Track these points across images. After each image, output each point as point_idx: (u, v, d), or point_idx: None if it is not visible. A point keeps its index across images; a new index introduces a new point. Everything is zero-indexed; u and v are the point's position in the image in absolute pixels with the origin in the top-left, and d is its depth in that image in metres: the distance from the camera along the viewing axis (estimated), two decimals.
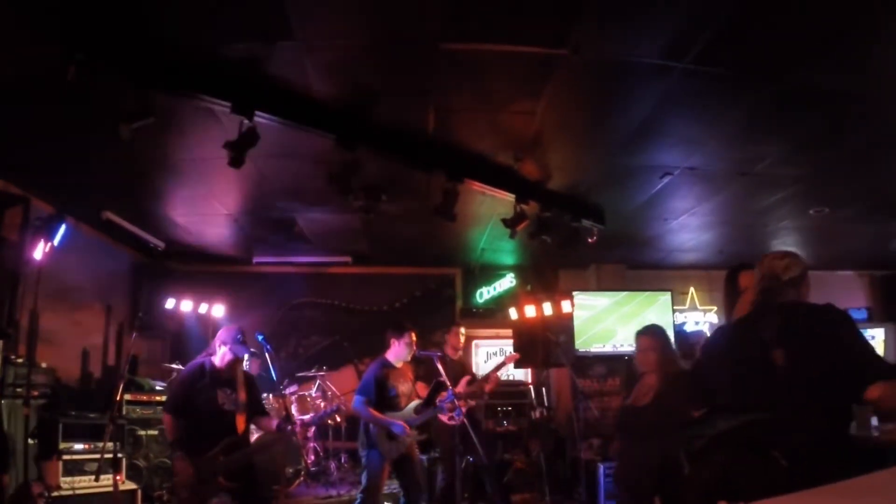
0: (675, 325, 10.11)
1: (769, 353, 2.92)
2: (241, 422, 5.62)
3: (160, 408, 8.16)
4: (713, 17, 4.42)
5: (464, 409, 7.06)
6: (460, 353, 8.33)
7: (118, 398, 5.85)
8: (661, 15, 4.44)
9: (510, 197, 7.39)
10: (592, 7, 4.40)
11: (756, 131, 6.30)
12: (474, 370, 9.94)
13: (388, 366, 6.66)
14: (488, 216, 8.74)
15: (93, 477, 6.50)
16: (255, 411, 5.84)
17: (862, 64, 4.98)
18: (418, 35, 4.78)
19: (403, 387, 6.69)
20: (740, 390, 3.03)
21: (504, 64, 5.14)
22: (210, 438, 5.41)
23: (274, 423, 5.87)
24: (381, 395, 6.48)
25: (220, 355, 5.68)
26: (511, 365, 8.72)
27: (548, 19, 4.55)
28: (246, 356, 5.70)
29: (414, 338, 6.74)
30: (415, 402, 6.69)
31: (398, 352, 6.69)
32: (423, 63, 5.16)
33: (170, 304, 10.10)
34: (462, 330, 8.30)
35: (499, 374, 7.92)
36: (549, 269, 12.28)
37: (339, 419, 9.65)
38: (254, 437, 6.52)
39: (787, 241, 10.14)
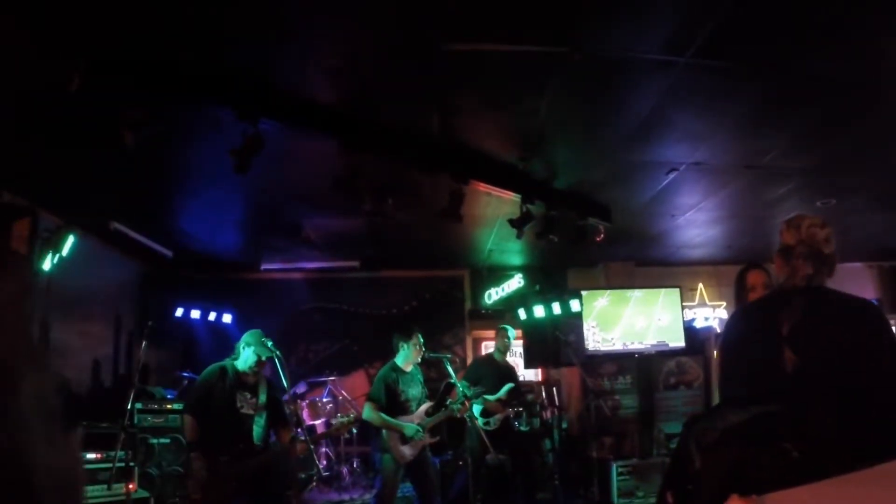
0: (684, 322, 10.08)
1: (783, 350, 2.72)
2: (260, 427, 5.64)
3: (172, 416, 8.19)
4: (714, 10, 4.41)
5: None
6: (505, 354, 8.34)
7: (129, 407, 5.85)
8: (661, 10, 4.43)
9: (516, 197, 7.39)
10: (592, 4, 4.40)
11: (761, 124, 6.28)
12: None
13: (397, 370, 6.67)
14: (495, 217, 8.74)
15: (105, 486, 6.51)
16: (276, 419, 5.85)
17: (866, 53, 4.96)
18: (420, 37, 4.78)
19: (413, 390, 6.71)
20: (753, 383, 2.98)
21: (506, 63, 5.13)
22: (226, 441, 5.44)
23: (288, 437, 5.87)
24: (392, 399, 6.50)
25: (244, 358, 5.70)
26: (522, 365, 8.73)
27: (548, 17, 4.55)
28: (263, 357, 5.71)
29: (421, 340, 6.76)
30: (426, 405, 6.71)
31: (407, 355, 6.71)
32: (425, 64, 5.16)
33: (179, 312, 10.14)
34: (511, 333, 8.27)
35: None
36: (557, 269, 12.27)
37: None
38: None
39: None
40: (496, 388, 7.73)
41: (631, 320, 9.80)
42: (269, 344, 5.74)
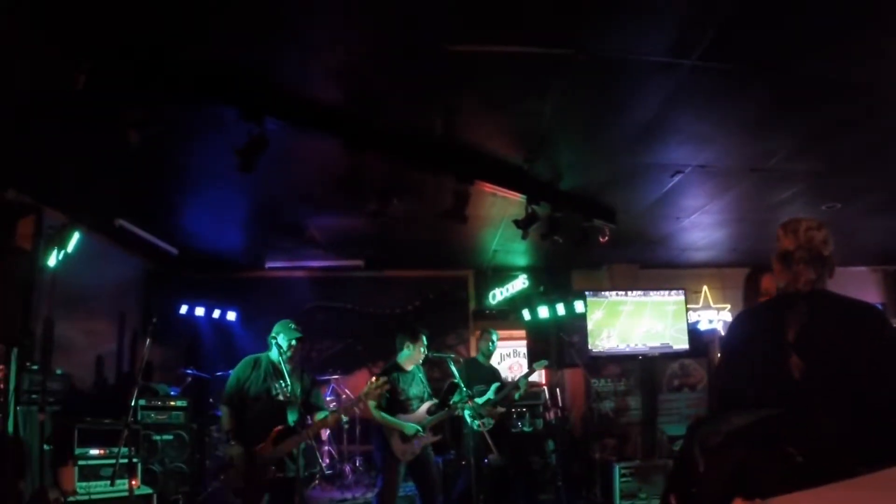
0: (689, 324, 10.08)
1: (788, 356, 2.71)
2: (295, 413, 5.70)
3: (175, 413, 8.21)
4: (718, 12, 4.40)
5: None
6: (489, 358, 8.33)
7: (133, 404, 5.87)
8: (665, 12, 4.42)
9: (521, 198, 7.39)
10: (596, 6, 4.40)
11: (766, 126, 6.27)
12: None
13: (399, 370, 6.69)
14: (499, 218, 8.73)
15: (108, 482, 6.53)
16: (310, 404, 5.91)
17: (871, 55, 4.95)
18: (424, 38, 4.78)
19: (415, 389, 6.73)
20: (758, 387, 2.95)
21: (510, 65, 5.13)
22: (263, 428, 5.56)
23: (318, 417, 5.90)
24: (393, 398, 6.52)
25: (275, 347, 5.77)
26: (526, 365, 8.70)
27: (552, 19, 4.54)
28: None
29: (426, 343, 6.79)
30: (427, 404, 6.72)
31: (409, 356, 6.73)
32: (429, 65, 5.16)
33: (183, 310, 10.15)
34: (494, 337, 8.27)
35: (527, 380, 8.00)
36: (561, 270, 12.26)
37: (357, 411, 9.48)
38: None
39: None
40: (485, 390, 7.73)
41: (625, 329, 9.85)
42: (292, 325, 5.85)
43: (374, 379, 6.00)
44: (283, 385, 5.75)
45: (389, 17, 4.55)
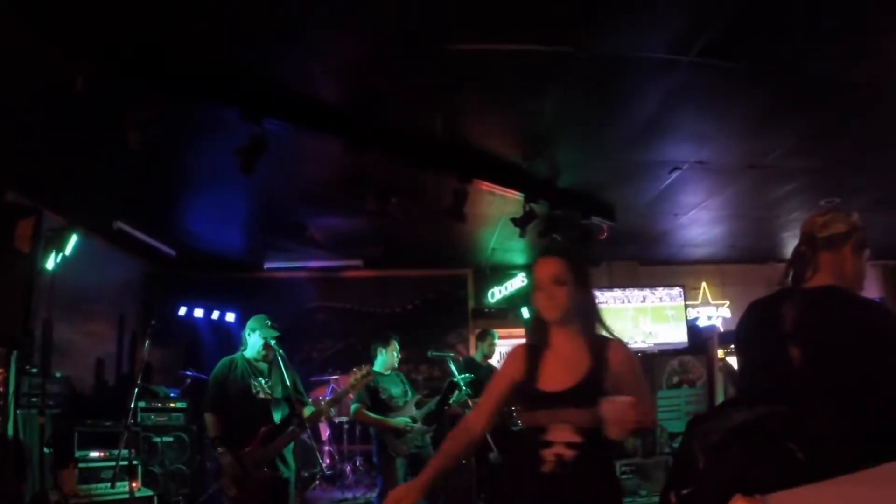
0: (688, 321, 10.07)
1: (786, 350, 2.67)
2: (280, 410, 5.62)
3: (175, 415, 8.20)
4: (719, 10, 4.40)
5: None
6: (488, 358, 8.34)
7: (132, 406, 5.86)
8: (666, 9, 4.42)
9: (519, 196, 7.38)
10: (597, 3, 4.39)
11: (765, 123, 6.27)
12: None
13: (374, 374, 6.73)
14: (497, 216, 8.73)
15: (109, 484, 6.53)
16: (295, 398, 5.71)
17: (871, 53, 4.95)
18: (425, 37, 4.77)
19: (396, 389, 6.79)
20: (758, 382, 2.95)
21: (511, 63, 5.13)
22: (248, 429, 5.41)
23: (305, 411, 5.80)
24: (375, 398, 6.59)
25: (251, 345, 5.69)
26: None
27: (553, 17, 4.54)
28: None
29: (398, 347, 6.85)
30: (416, 397, 6.79)
31: (384, 361, 6.82)
32: (428, 65, 5.15)
33: (182, 311, 10.14)
34: (495, 339, 8.29)
35: None
36: None
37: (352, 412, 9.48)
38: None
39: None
40: (481, 388, 7.72)
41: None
42: (273, 343, 5.68)
43: (356, 370, 5.97)
44: (264, 382, 5.63)
45: (389, 17, 4.55)
